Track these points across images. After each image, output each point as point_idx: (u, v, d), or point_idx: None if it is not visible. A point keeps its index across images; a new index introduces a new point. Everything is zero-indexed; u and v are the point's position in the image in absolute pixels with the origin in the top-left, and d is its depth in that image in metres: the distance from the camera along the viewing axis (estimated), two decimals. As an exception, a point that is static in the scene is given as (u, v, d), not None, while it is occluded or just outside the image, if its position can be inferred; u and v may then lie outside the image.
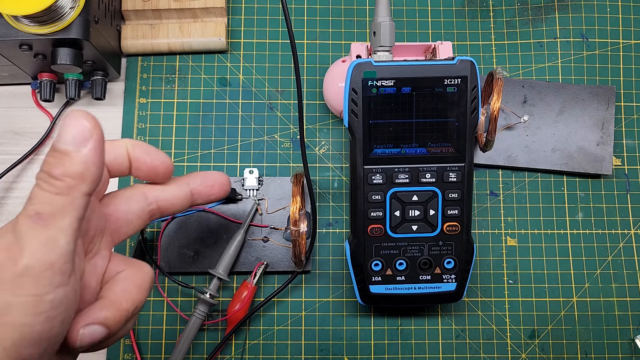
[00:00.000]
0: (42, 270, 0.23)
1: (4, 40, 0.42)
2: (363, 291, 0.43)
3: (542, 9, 0.53)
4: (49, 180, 0.24)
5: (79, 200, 0.24)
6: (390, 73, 0.39)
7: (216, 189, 0.35)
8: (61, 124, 0.25)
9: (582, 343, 0.47)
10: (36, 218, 0.23)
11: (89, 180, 0.24)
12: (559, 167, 0.49)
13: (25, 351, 0.23)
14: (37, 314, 0.23)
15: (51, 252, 0.23)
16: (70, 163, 0.24)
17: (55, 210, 0.23)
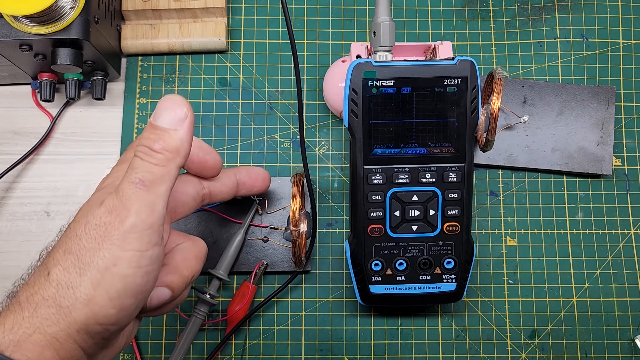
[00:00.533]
0: (144, 229, 0.27)
1: (4, 40, 0.42)
2: (363, 291, 0.43)
3: (542, 9, 0.53)
4: (150, 153, 0.28)
5: (173, 171, 0.28)
6: (390, 73, 0.39)
7: (259, 182, 0.41)
8: (160, 105, 0.28)
9: (582, 343, 0.47)
10: (140, 184, 0.27)
11: (182, 154, 0.28)
12: (559, 167, 0.49)
13: (126, 300, 0.27)
14: (139, 267, 0.27)
15: (152, 214, 0.27)
16: (170, 139, 0.28)
17: (155, 178, 0.27)
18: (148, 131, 0.28)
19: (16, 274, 0.48)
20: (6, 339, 0.25)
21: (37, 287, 0.27)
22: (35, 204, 0.49)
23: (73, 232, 0.27)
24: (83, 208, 0.28)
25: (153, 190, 0.27)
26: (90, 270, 0.26)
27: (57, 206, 0.49)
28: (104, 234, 0.27)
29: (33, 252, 0.48)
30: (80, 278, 0.26)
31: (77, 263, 0.26)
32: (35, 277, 0.27)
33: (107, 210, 0.27)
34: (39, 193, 0.49)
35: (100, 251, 0.26)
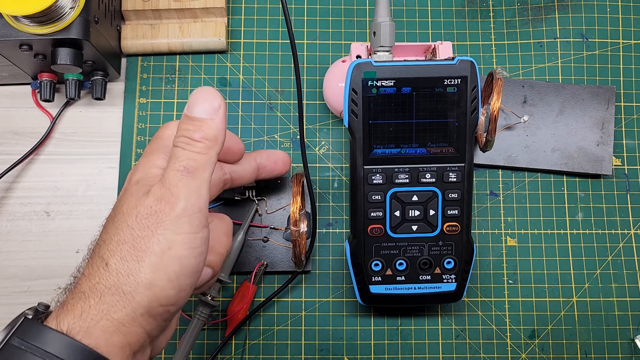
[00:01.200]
0: (194, 213, 0.29)
1: (4, 40, 0.42)
2: (363, 291, 0.43)
3: (542, 9, 0.53)
4: (191, 143, 0.29)
5: (213, 158, 0.30)
6: (390, 73, 0.39)
7: (279, 165, 0.42)
8: (194, 98, 0.30)
9: (582, 343, 0.47)
10: (184, 172, 0.29)
11: (220, 142, 0.30)
12: (559, 167, 0.49)
13: (184, 280, 0.28)
14: (193, 248, 0.29)
15: (199, 198, 0.29)
16: (208, 128, 0.30)
17: (199, 165, 0.29)
18: (185, 123, 0.30)
19: (16, 274, 0.48)
20: (76, 325, 0.27)
21: (98, 277, 0.28)
22: (35, 204, 0.49)
23: (124, 224, 0.29)
24: (126, 200, 0.29)
25: (197, 176, 0.29)
26: (148, 256, 0.28)
27: (57, 206, 0.49)
28: (156, 221, 0.28)
29: (33, 252, 0.48)
30: (138, 264, 0.28)
31: (133, 251, 0.28)
32: (93, 269, 0.28)
33: (156, 198, 0.28)
34: (39, 193, 0.49)
35: (155, 237, 0.28)
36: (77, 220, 0.49)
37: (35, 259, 0.48)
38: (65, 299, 0.29)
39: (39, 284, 0.47)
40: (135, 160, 0.49)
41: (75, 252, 0.48)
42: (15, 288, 0.47)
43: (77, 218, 0.49)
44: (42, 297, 0.47)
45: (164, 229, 0.28)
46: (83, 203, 0.49)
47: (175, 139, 0.30)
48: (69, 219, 0.49)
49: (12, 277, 0.48)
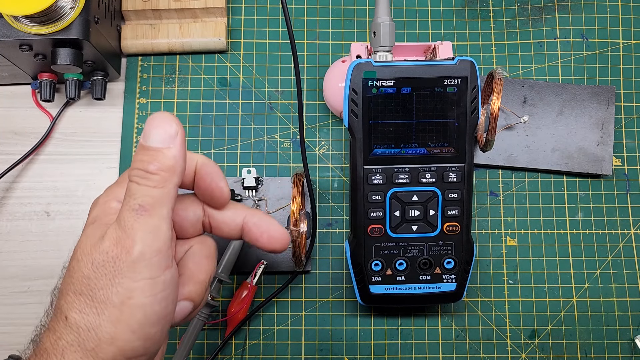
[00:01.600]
0: (153, 256, 0.26)
1: (4, 40, 0.42)
2: (363, 291, 0.43)
3: (542, 9, 0.53)
4: (146, 176, 0.27)
5: (172, 191, 0.27)
6: (390, 73, 0.39)
7: (272, 241, 0.33)
8: (149, 125, 0.27)
9: (582, 343, 0.47)
10: (140, 210, 0.26)
11: (178, 172, 0.27)
12: (559, 167, 0.49)
13: (149, 329, 0.26)
14: (155, 294, 0.26)
15: (157, 238, 0.26)
16: (164, 158, 0.27)
17: (155, 201, 0.26)
18: (140, 153, 0.27)
19: (16, 274, 0.48)
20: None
21: (59, 332, 0.26)
22: (35, 204, 0.49)
23: (80, 273, 0.26)
24: (81, 245, 0.27)
25: (154, 213, 0.26)
26: (107, 308, 0.26)
27: (57, 206, 0.49)
28: (113, 268, 0.26)
29: (33, 252, 0.48)
30: (98, 318, 0.26)
31: (92, 303, 0.26)
32: (54, 322, 0.27)
33: (111, 243, 0.26)
34: (39, 193, 0.49)
35: (113, 287, 0.26)
36: (77, 220, 0.49)
37: (35, 259, 0.48)
38: (29, 356, 0.27)
39: (39, 284, 0.47)
40: (135, 160, 0.49)
41: (75, 252, 0.48)
42: (15, 288, 0.47)
43: (77, 218, 0.49)
44: (42, 297, 0.47)
45: (122, 277, 0.26)
46: (83, 203, 0.49)
47: (130, 173, 0.27)
48: (69, 219, 0.49)
49: (12, 277, 0.48)
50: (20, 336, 0.46)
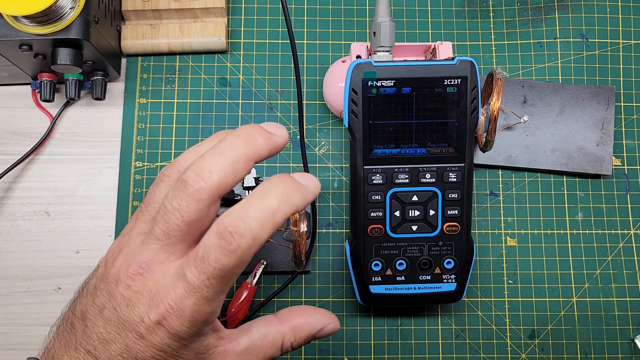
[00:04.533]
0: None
1: (4, 40, 0.42)
2: (363, 291, 0.43)
3: (542, 9, 0.53)
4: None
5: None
6: (390, 73, 0.39)
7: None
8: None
9: (582, 343, 0.47)
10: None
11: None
12: (559, 167, 0.49)
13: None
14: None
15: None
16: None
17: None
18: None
19: (16, 274, 0.48)
20: None
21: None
22: (35, 204, 0.49)
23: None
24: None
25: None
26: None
27: (57, 206, 0.49)
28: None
29: (33, 252, 0.48)
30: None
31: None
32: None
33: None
34: (39, 193, 0.49)
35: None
36: (77, 220, 0.49)
37: (35, 259, 0.48)
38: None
39: (39, 284, 0.48)
40: (135, 160, 0.49)
41: (75, 252, 0.48)
42: (15, 288, 0.47)
43: (77, 218, 0.49)
44: (42, 297, 0.47)
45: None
46: (83, 203, 0.49)
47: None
48: (69, 219, 0.49)
49: (12, 277, 0.48)
50: (20, 336, 0.47)
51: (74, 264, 0.48)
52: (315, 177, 0.27)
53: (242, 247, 0.25)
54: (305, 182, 0.27)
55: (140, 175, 0.49)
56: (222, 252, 0.25)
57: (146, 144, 0.50)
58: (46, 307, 0.47)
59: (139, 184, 0.49)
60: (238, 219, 0.25)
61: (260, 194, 0.26)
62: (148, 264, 0.28)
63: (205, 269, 0.25)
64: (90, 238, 0.48)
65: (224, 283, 0.26)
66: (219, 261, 0.25)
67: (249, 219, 0.25)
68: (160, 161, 0.49)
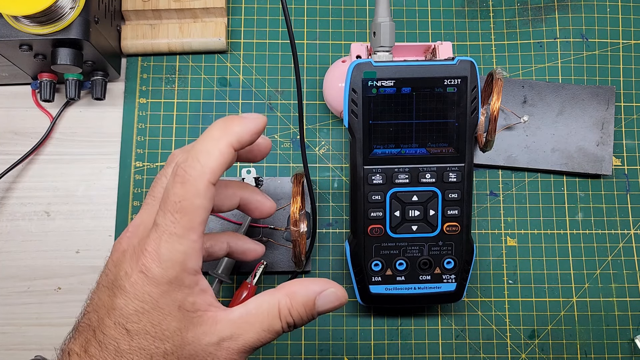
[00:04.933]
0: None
1: (4, 40, 0.42)
2: (363, 291, 0.43)
3: (542, 9, 0.53)
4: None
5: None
6: (390, 73, 0.39)
7: (256, 214, 0.37)
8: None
9: (581, 343, 0.47)
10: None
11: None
12: (558, 167, 0.49)
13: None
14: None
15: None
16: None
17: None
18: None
19: (16, 274, 0.48)
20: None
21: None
22: (35, 204, 0.49)
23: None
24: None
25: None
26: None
27: (57, 206, 0.49)
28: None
29: (33, 252, 0.48)
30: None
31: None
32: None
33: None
34: (39, 193, 0.49)
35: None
36: (77, 220, 0.49)
37: (35, 259, 0.48)
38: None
39: (39, 284, 0.48)
40: (135, 160, 0.49)
41: (75, 252, 0.48)
42: (15, 288, 0.47)
43: (77, 218, 0.49)
44: (42, 297, 0.47)
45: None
46: (83, 203, 0.49)
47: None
48: (69, 219, 0.49)
49: (12, 277, 0.48)
50: (20, 336, 0.47)
51: (74, 264, 0.48)
52: (261, 114, 0.30)
53: (193, 175, 0.27)
54: (246, 115, 0.30)
55: (140, 175, 0.49)
56: (177, 186, 0.27)
57: (146, 144, 0.50)
58: (46, 307, 0.47)
59: (139, 184, 0.49)
60: (186, 153, 0.28)
61: (205, 131, 0.29)
62: (135, 226, 0.31)
63: (169, 207, 0.27)
64: (90, 238, 0.48)
65: (187, 216, 0.27)
66: (176, 194, 0.27)
67: (195, 151, 0.28)
68: (160, 161, 0.49)
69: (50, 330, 0.47)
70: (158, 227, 0.27)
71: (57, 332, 0.47)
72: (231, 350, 0.28)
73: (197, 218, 0.27)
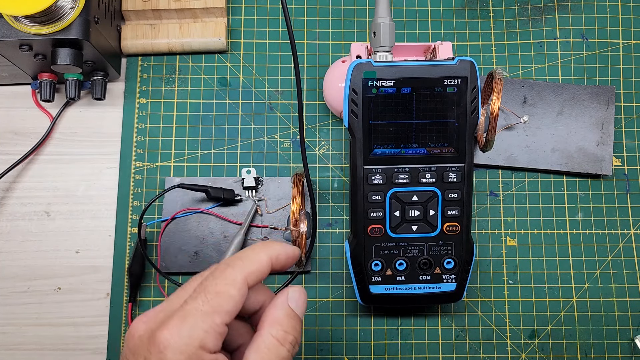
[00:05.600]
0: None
1: (4, 40, 0.42)
2: (363, 291, 0.43)
3: (542, 9, 0.53)
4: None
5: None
6: (390, 73, 0.39)
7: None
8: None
9: (581, 343, 0.47)
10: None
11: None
12: (558, 167, 0.49)
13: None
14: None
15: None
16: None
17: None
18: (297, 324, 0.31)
19: (16, 274, 0.48)
20: None
21: None
22: (35, 204, 0.49)
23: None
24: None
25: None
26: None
27: (57, 206, 0.49)
28: None
29: (33, 252, 0.48)
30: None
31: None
32: None
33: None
34: (39, 193, 0.49)
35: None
36: (77, 220, 0.49)
37: (35, 259, 0.48)
38: None
39: (39, 284, 0.48)
40: (135, 160, 0.49)
41: (75, 252, 0.48)
42: (15, 288, 0.47)
43: (77, 218, 0.49)
44: (42, 297, 0.47)
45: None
46: (83, 203, 0.49)
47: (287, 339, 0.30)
48: (69, 219, 0.49)
49: (12, 277, 0.48)
50: (20, 336, 0.47)
51: (74, 264, 0.48)
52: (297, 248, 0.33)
53: (235, 268, 0.30)
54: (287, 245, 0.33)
55: (140, 175, 0.49)
56: (216, 274, 0.30)
57: (146, 144, 0.50)
58: (46, 307, 0.47)
59: (139, 184, 0.49)
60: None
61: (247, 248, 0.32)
62: (156, 312, 0.31)
63: (202, 291, 0.29)
64: (90, 238, 0.48)
65: (219, 299, 0.29)
66: (214, 283, 0.29)
67: (237, 254, 0.31)
68: (160, 161, 0.49)
69: (50, 330, 0.47)
70: (186, 305, 0.28)
71: (57, 332, 0.47)
72: None
73: (227, 305, 0.29)
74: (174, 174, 0.49)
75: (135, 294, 0.46)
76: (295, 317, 0.31)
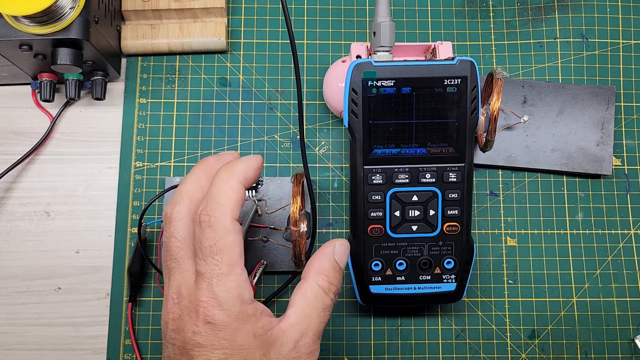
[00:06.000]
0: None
1: (4, 40, 0.42)
2: (363, 291, 0.43)
3: (542, 9, 0.53)
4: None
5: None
6: (390, 73, 0.39)
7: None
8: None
9: (582, 343, 0.47)
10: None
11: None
12: (558, 167, 0.49)
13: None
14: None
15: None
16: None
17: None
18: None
19: (16, 274, 0.48)
20: None
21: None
22: (35, 204, 0.49)
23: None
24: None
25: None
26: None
27: (57, 206, 0.49)
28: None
29: (33, 252, 0.48)
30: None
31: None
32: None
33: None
34: (39, 193, 0.49)
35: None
36: (77, 220, 0.49)
37: (35, 259, 0.48)
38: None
39: (39, 284, 0.48)
40: (135, 160, 0.49)
41: (75, 252, 0.48)
42: (15, 288, 0.47)
43: (77, 218, 0.49)
44: (42, 297, 0.47)
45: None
46: (83, 203, 0.49)
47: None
48: (69, 219, 0.49)
49: (12, 277, 0.48)
50: (20, 336, 0.47)
51: (74, 264, 0.48)
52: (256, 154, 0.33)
53: (217, 216, 0.29)
54: (244, 157, 0.33)
55: (140, 175, 0.49)
56: (206, 231, 0.29)
57: (146, 144, 0.50)
58: (46, 307, 0.47)
59: (139, 184, 0.49)
60: (201, 202, 0.30)
61: (213, 179, 0.31)
62: (176, 291, 0.31)
63: (206, 253, 0.29)
64: (90, 238, 0.48)
65: (227, 254, 0.29)
66: (209, 239, 0.29)
67: (211, 196, 0.30)
68: (160, 161, 0.49)
69: (50, 330, 0.47)
70: (203, 275, 0.29)
71: (57, 332, 0.47)
72: (307, 344, 0.32)
73: (235, 253, 0.29)
74: (174, 174, 0.49)
75: (135, 294, 0.46)
76: (340, 270, 0.33)
